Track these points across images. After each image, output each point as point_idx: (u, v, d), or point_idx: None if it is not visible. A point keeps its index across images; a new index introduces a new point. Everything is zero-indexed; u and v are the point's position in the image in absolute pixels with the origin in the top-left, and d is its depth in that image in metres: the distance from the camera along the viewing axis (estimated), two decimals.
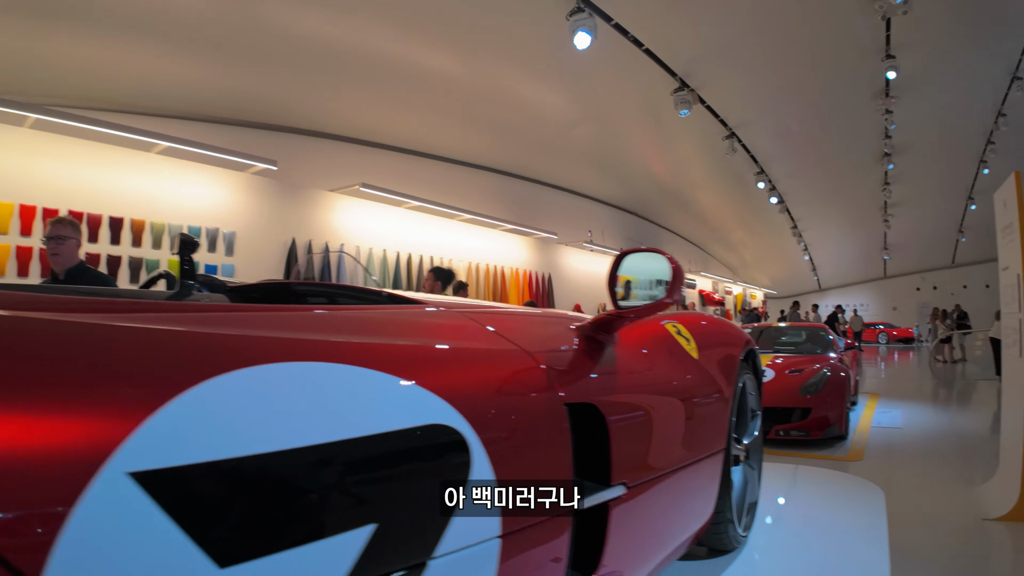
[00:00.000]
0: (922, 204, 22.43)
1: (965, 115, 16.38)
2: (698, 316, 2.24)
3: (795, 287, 32.24)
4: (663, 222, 21.73)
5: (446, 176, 11.69)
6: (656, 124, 13.62)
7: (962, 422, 7.31)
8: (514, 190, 13.24)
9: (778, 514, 2.87)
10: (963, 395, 9.81)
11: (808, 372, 6.18)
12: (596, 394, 1.27)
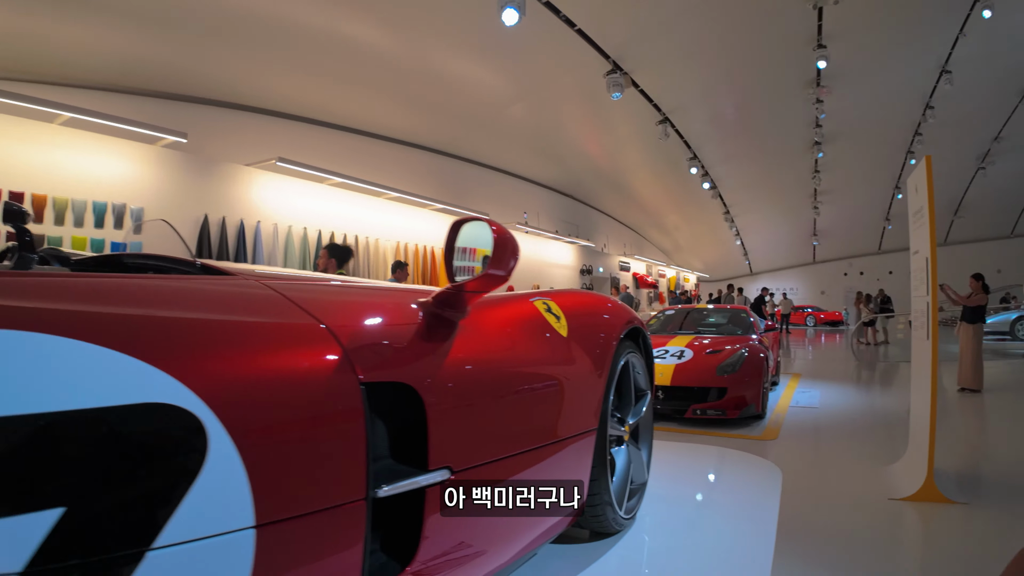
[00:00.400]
0: (851, 192, 23.33)
1: (894, 106, 17.02)
2: (575, 293, 2.15)
3: (728, 271, 33.16)
4: (599, 205, 21.87)
5: (373, 153, 11.34)
6: (591, 106, 13.58)
7: (879, 403, 7.59)
8: (445, 169, 12.99)
9: (674, 495, 2.82)
10: (882, 376, 10.23)
11: (726, 353, 6.26)
12: (414, 373, 1.15)
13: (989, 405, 6.85)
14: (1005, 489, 3.62)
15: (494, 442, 1.32)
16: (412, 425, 1.13)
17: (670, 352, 6.42)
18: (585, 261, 16.77)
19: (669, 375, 5.98)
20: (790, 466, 4.53)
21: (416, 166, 12.18)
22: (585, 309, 2.03)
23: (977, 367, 7.44)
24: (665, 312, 8.59)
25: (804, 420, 6.24)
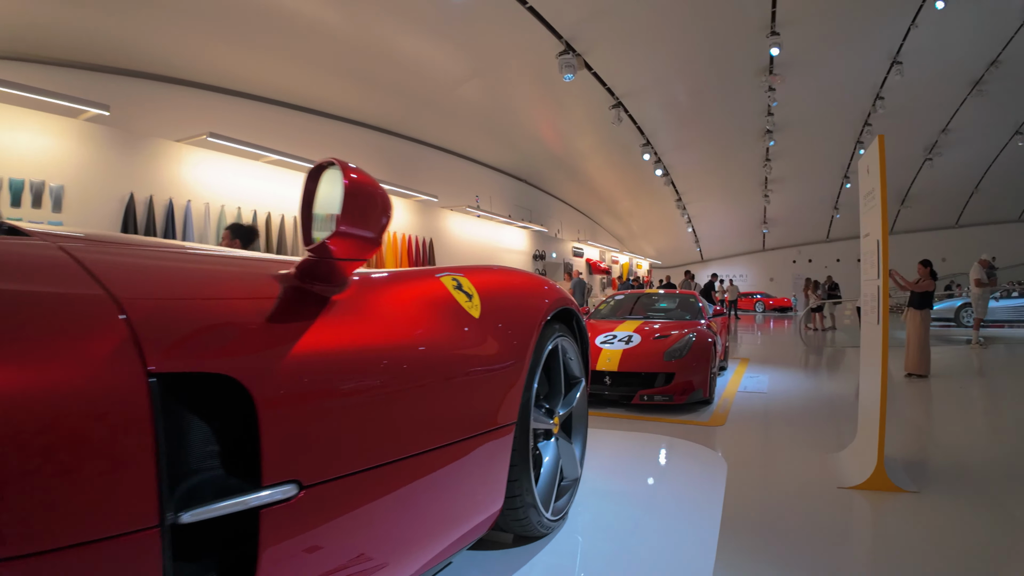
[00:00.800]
0: (800, 181, 23.74)
1: (845, 96, 17.31)
2: (493, 270, 1.90)
3: (679, 257, 33.57)
4: (553, 190, 21.72)
5: (315, 130, 10.86)
6: (544, 88, 13.35)
7: (826, 388, 7.61)
8: (393, 149, 12.57)
9: (613, 489, 2.64)
10: (830, 361, 10.36)
11: (674, 338, 6.16)
12: (242, 363, 0.90)
13: (936, 390, 6.95)
14: (954, 476, 3.57)
15: (370, 446, 1.08)
16: None
17: (618, 337, 6.29)
18: (538, 246, 16.60)
19: (617, 360, 5.84)
20: (737, 454, 4.43)
21: (361, 145, 11.74)
22: (505, 287, 1.80)
23: (924, 353, 7.55)
24: (615, 297, 8.47)
25: (752, 405, 6.19)
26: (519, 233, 15.63)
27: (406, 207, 10.93)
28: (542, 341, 1.74)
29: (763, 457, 4.31)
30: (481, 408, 1.42)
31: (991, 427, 5.32)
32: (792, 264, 32.58)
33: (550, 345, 1.82)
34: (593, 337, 6.39)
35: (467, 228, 13.01)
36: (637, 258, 28.72)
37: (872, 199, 3.63)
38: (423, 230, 11.20)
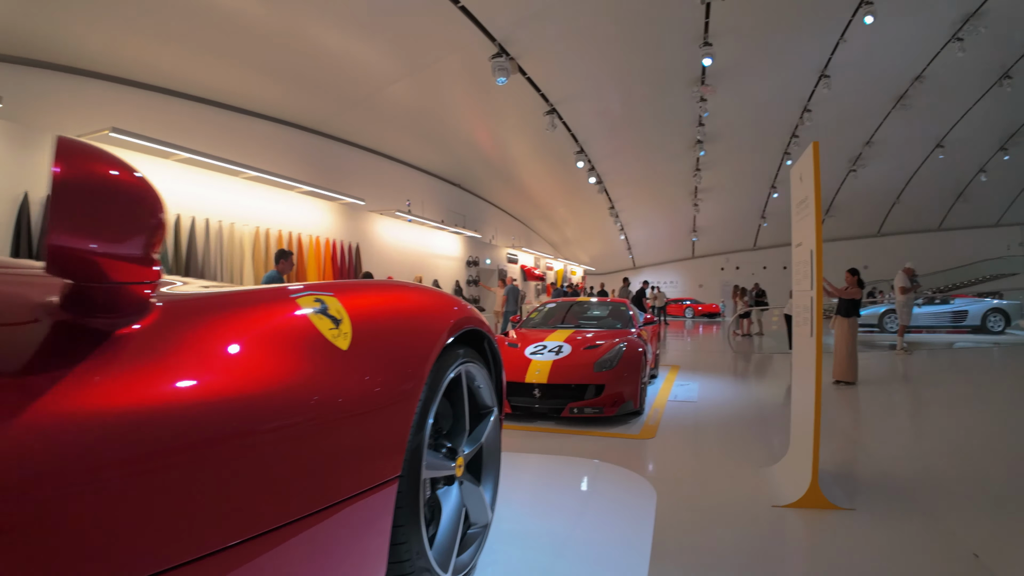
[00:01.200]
0: (729, 191, 24.40)
1: (773, 108, 17.82)
2: (375, 286, 1.58)
3: (612, 264, 34.01)
4: (488, 196, 21.50)
5: (232, 128, 10.24)
6: (478, 91, 13.10)
7: (756, 395, 7.63)
8: (318, 149, 12.02)
9: (530, 530, 2.37)
10: (758, 368, 10.51)
11: (604, 348, 6.00)
12: None
13: (864, 398, 7.05)
14: (888, 491, 3.49)
15: (165, 544, 0.77)
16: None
17: (548, 347, 6.08)
18: (472, 252, 16.31)
19: (547, 372, 5.62)
20: (668, 471, 4.27)
21: (283, 144, 11.15)
22: (388, 309, 1.49)
23: (852, 360, 7.69)
24: (547, 305, 8.29)
25: (683, 415, 6.09)
26: (452, 239, 15.30)
27: (330, 210, 10.43)
28: (440, 370, 1.46)
29: (695, 474, 4.16)
30: (347, 466, 1.12)
31: (920, 436, 5.38)
32: (720, 271, 33.56)
33: (452, 373, 1.53)
34: (523, 347, 6.17)
35: (397, 233, 12.59)
36: (572, 265, 28.87)
37: (806, 207, 3.53)
38: (349, 235, 10.72)
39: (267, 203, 9.19)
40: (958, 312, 15.02)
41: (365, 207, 11.45)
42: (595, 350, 5.97)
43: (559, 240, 29.87)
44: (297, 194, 9.67)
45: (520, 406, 5.67)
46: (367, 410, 1.21)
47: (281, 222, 9.33)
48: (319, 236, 9.90)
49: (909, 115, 18.60)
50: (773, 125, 18.96)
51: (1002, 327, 14.69)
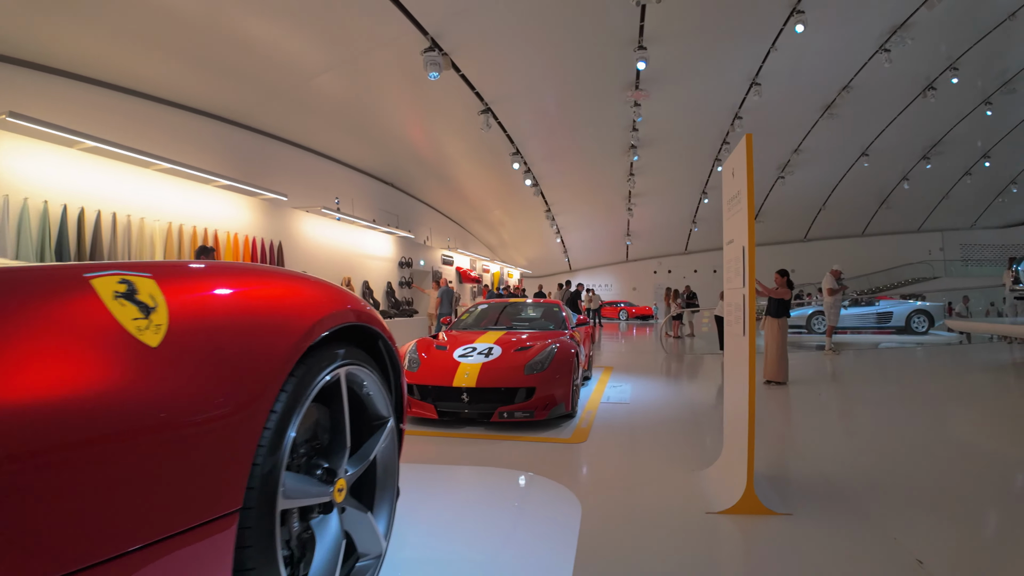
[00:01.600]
0: (662, 195, 24.77)
1: (705, 115, 18.10)
2: (214, 268, 1.27)
3: (549, 267, 34.10)
4: (423, 196, 21.09)
5: (143, 115, 9.55)
6: (411, 86, 12.73)
7: (688, 396, 7.59)
8: (238, 142, 11.38)
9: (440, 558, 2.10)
10: (690, 369, 10.56)
11: (536, 349, 5.81)
12: None
13: (795, 398, 7.11)
14: (824, 494, 3.41)
15: None
16: None
17: (478, 349, 5.83)
18: (405, 253, 15.88)
19: (475, 375, 5.38)
20: (599, 477, 4.10)
21: (202, 136, 10.49)
22: (231, 296, 1.18)
23: (782, 360, 7.76)
24: (479, 306, 8.04)
25: (616, 418, 5.96)
26: (384, 239, 14.85)
27: (250, 206, 9.85)
28: (308, 374, 1.18)
29: (626, 480, 3.99)
30: (153, 501, 0.84)
31: (853, 436, 5.40)
32: (653, 274, 34.19)
33: (327, 377, 1.25)
34: (452, 349, 5.91)
35: (325, 232, 12.06)
36: (508, 267, 28.73)
37: (738, 203, 3.42)
38: (271, 232, 10.15)
39: (181, 197, 8.57)
40: (883, 314, 15.66)
41: (288, 204, 10.90)
42: (526, 352, 5.77)
43: (496, 242, 29.70)
44: (215, 188, 9.07)
45: (448, 411, 5.40)
46: (187, 425, 0.93)
47: (196, 217, 8.72)
48: (237, 233, 9.32)
49: (836, 124, 19.26)
50: (705, 131, 19.32)
51: (926, 328, 15.40)
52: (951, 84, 17.60)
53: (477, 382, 5.31)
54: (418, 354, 5.88)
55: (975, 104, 20.03)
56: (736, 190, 3.45)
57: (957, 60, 16.92)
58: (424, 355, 5.85)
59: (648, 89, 15.18)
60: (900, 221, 30.27)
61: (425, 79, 11.27)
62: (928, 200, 28.29)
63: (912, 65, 16.57)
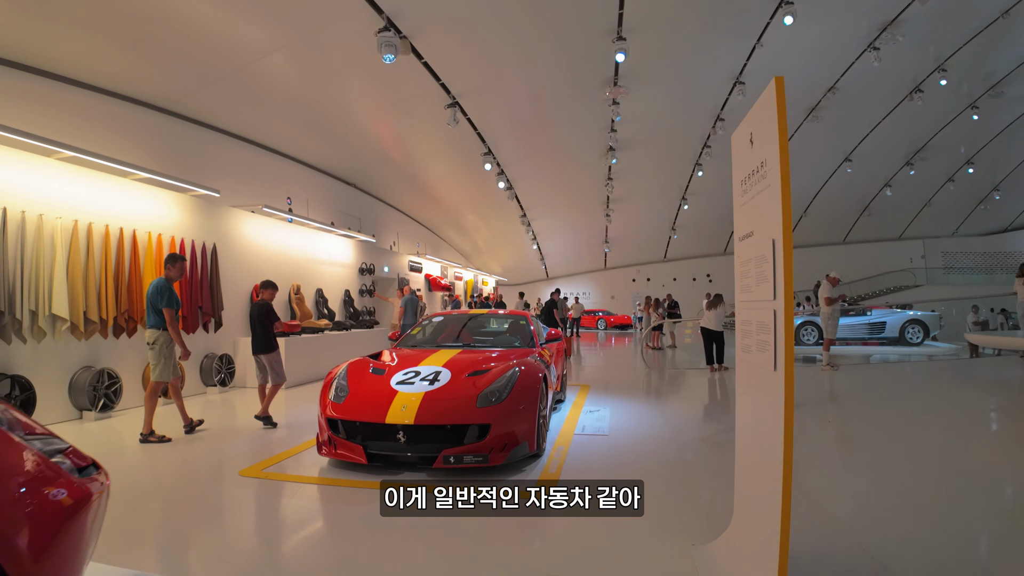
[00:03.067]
0: (640, 201, 23.96)
1: (686, 115, 17.26)
2: None
3: (525, 275, 33.08)
4: (391, 199, 19.92)
5: (57, 101, 8.34)
6: (370, 74, 11.61)
7: (676, 424, 6.51)
8: (164, 131, 10.09)
9: None
10: (674, 386, 9.56)
11: (493, 373, 4.71)
12: None
13: (800, 427, 6.05)
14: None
15: None
16: None
17: (422, 375, 4.73)
18: (367, 259, 14.68)
19: (414, 409, 4.27)
20: (569, 550, 3.03)
21: (119, 123, 9.22)
22: None
23: None
24: (433, 319, 6.90)
25: (592, 456, 4.90)
26: (343, 244, 13.64)
27: (180, 203, 8.58)
28: None
29: (608, 555, 2.93)
30: None
31: (887, 485, 4.22)
32: (632, 282, 33.33)
33: None
34: (390, 374, 4.80)
35: (272, 234, 10.84)
36: (483, 275, 27.60)
37: (761, 179, 2.36)
38: (203, 233, 8.91)
39: (92, 192, 7.32)
40: (875, 324, 14.80)
41: (226, 201, 9.70)
42: (481, 376, 4.67)
43: (470, 249, 28.61)
44: (133, 182, 7.83)
45: (380, 454, 4.28)
46: None
47: (111, 215, 7.47)
48: (162, 233, 8.09)
49: (820, 128, 18.68)
50: (685, 133, 18.53)
51: (920, 339, 14.57)
52: (939, 87, 16.99)
53: (416, 418, 4.20)
54: (347, 380, 4.75)
55: (962, 108, 19.48)
56: (759, 160, 2.40)
57: (946, 61, 16.29)
58: (354, 382, 4.72)
59: (627, 86, 14.25)
60: (882, 228, 29.82)
61: (388, 69, 10.21)
62: (910, 207, 27.86)
63: (900, 66, 15.90)
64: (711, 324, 10.88)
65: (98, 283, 7.17)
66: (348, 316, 13.09)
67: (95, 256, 7.21)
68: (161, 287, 5.81)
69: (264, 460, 4.85)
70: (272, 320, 6.65)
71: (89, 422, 6.75)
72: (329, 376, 4.93)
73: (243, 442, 5.69)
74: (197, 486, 4.48)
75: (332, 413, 4.46)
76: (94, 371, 6.93)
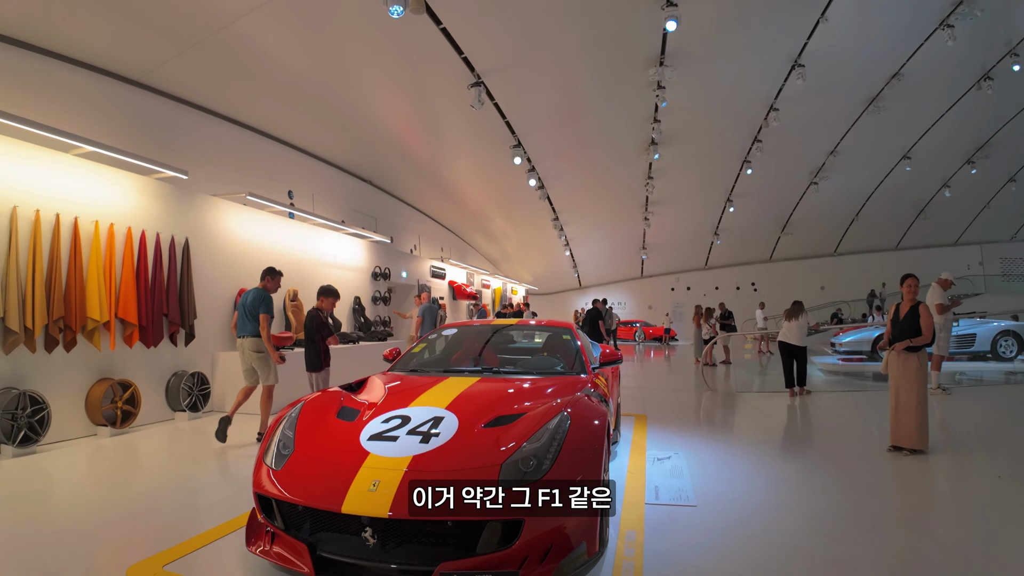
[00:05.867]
0: (682, 203, 22.09)
1: (738, 104, 15.46)
2: None
3: (557, 283, 31.27)
4: (410, 198, 18.32)
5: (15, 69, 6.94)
6: (378, 43, 10.00)
7: (782, 486, 4.56)
8: (129, 105, 8.56)
9: None
10: (753, 419, 7.61)
11: (529, 421, 2.93)
12: None
13: (963, 481, 4.18)
14: None
15: None
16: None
17: (413, 422, 2.98)
18: (381, 262, 13.04)
19: (392, 489, 2.52)
20: None
21: (74, 93, 7.72)
22: None
23: (923, 415, 4.89)
24: (444, 331, 5.10)
25: (683, 555, 3.08)
26: (353, 244, 12.02)
27: (144, 188, 7.00)
28: None
29: None
30: None
31: None
32: (671, 291, 31.23)
33: None
34: (361, 423, 3.07)
35: (265, 231, 9.22)
36: (512, 283, 25.84)
37: None
38: (172, 225, 7.29)
39: (19, 168, 5.77)
40: (964, 336, 12.55)
41: (203, 189, 8.14)
42: (509, 428, 2.90)
43: (499, 256, 26.91)
44: (75, 158, 6.27)
45: (336, 560, 2.54)
46: None
47: (42, 198, 5.90)
48: (114, 223, 6.51)
49: (879, 121, 16.85)
50: (735, 126, 16.68)
51: (1015, 353, 12.33)
52: (1010, 73, 14.86)
53: (394, 506, 2.44)
54: (295, 429, 3.01)
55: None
56: None
57: (1019, 44, 14.22)
58: (307, 432, 2.98)
59: (675, 65, 12.50)
60: (937, 233, 27.31)
61: (398, 35, 8.60)
62: (968, 210, 25.37)
63: (970, 49, 13.92)
64: (792, 338, 8.95)
65: (22, 282, 5.58)
66: (358, 327, 11.43)
67: (19, 248, 5.63)
68: (264, 295, 5.83)
69: (171, 547, 3.14)
70: (324, 334, 6.01)
71: (6, 459, 5.16)
72: (275, 420, 3.20)
73: (168, 503, 4.00)
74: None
75: (265, 485, 2.73)
76: (14, 394, 5.35)
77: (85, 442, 5.92)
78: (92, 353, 6.22)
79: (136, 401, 6.45)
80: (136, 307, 6.56)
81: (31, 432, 5.42)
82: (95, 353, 6.25)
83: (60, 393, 5.88)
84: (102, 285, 6.19)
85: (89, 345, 6.17)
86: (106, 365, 6.38)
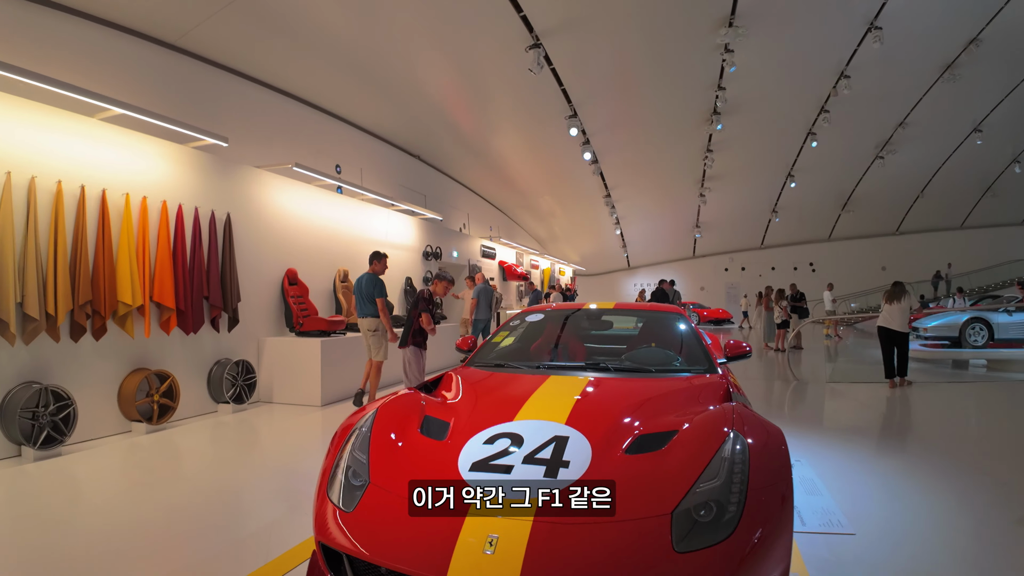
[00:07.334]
0: (741, 177, 20.84)
1: (806, 69, 14.35)
2: None
3: (605, 264, 30.28)
4: (458, 175, 17.53)
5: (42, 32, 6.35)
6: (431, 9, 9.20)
7: (941, 499, 3.70)
8: (161, 67, 7.87)
9: None
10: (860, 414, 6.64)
11: (687, 446, 2.07)
12: None
13: None
14: None
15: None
16: None
17: (527, 444, 2.16)
18: (432, 242, 12.31)
19: (519, 551, 1.69)
20: None
21: (106, 56, 7.10)
22: None
23: None
24: (527, 317, 4.23)
25: None
26: (403, 222, 11.30)
27: (174, 157, 6.37)
28: None
29: None
30: None
31: None
32: (724, 272, 29.90)
33: None
34: (460, 437, 2.28)
35: (311, 207, 8.54)
36: (560, 263, 24.94)
37: None
38: (212, 199, 6.66)
39: (39, 135, 5.14)
40: None
41: (246, 160, 7.48)
42: (659, 457, 2.06)
43: (546, 235, 26.01)
44: (101, 122, 5.63)
45: None
46: None
47: (64, 168, 5.28)
48: (147, 196, 5.87)
49: (953, 91, 15.57)
50: (802, 93, 15.46)
51: None
52: None
53: (523, 574, 1.62)
54: (368, 453, 2.21)
55: None
56: None
57: None
58: (382, 457, 2.19)
59: (746, 25, 11.43)
60: (1004, 211, 25.39)
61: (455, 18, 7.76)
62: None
63: None
64: (893, 323, 7.91)
65: (42, 263, 4.97)
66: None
67: (38, 224, 5.00)
68: (375, 279, 6.24)
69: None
70: (419, 312, 5.75)
71: (27, 462, 4.58)
72: (338, 436, 2.42)
73: (209, 526, 3.29)
74: None
75: (333, 533, 1.96)
76: (35, 390, 4.76)
77: (117, 440, 5.32)
78: (124, 341, 5.60)
79: (174, 393, 5.84)
80: (173, 289, 5.92)
81: (55, 432, 4.83)
82: (128, 341, 5.63)
83: (89, 387, 5.28)
84: (134, 265, 5.55)
85: (121, 332, 5.55)
86: (140, 354, 5.77)
